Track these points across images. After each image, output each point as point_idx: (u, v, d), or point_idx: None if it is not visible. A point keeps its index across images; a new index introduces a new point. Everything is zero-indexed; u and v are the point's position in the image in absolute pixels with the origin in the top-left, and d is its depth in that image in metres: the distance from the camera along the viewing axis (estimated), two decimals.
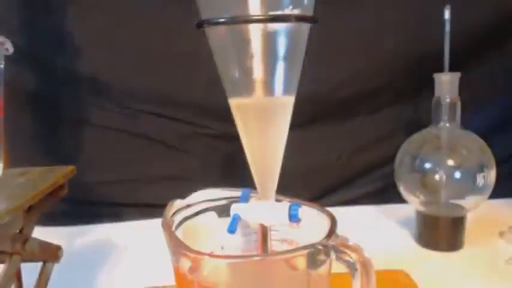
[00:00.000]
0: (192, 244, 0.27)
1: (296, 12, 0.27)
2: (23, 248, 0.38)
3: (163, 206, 0.32)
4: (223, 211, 0.34)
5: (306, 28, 0.29)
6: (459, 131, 0.57)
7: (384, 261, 0.40)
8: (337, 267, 0.28)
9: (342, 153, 0.75)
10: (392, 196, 0.62)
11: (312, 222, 0.31)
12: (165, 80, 0.71)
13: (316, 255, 0.27)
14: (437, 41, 0.56)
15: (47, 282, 0.42)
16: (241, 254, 0.34)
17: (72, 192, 0.43)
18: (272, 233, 0.34)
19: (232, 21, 0.27)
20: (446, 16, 0.55)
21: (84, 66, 0.70)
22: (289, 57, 0.29)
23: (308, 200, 0.32)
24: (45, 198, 0.39)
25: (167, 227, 0.30)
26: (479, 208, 0.57)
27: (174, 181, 0.73)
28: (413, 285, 0.46)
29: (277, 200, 0.32)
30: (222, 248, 0.34)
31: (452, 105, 0.56)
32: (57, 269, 0.43)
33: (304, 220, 0.31)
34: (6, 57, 0.41)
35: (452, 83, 0.56)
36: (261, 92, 0.29)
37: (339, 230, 0.28)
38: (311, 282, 0.28)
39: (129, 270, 0.56)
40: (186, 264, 0.27)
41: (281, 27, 0.28)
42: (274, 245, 0.34)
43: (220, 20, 0.27)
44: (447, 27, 0.55)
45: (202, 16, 0.28)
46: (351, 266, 0.27)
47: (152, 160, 0.74)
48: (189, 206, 0.33)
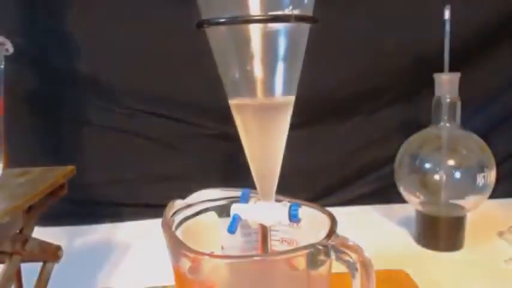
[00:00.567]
0: (192, 244, 0.27)
1: (296, 12, 0.27)
2: (23, 248, 0.38)
3: (163, 206, 0.32)
4: (223, 211, 0.34)
5: (306, 28, 0.29)
6: (459, 131, 0.57)
7: (384, 261, 0.40)
8: (337, 267, 0.28)
9: (342, 153, 0.75)
10: (393, 196, 0.62)
11: (312, 222, 0.31)
12: (164, 80, 0.70)
13: (316, 255, 0.27)
14: (437, 41, 0.56)
15: (47, 282, 0.42)
16: (241, 254, 0.34)
17: (72, 192, 0.43)
18: (272, 233, 0.34)
19: (232, 21, 0.27)
20: (446, 16, 0.55)
21: (84, 66, 0.70)
22: (289, 57, 0.29)
23: (308, 200, 0.32)
24: (45, 198, 0.39)
25: (167, 227, 0.30)
26: (479, 208, 0.57)
27: (174, 181, 0.73)
28: (413, 285, 0.46)
29: (277, 200, 0.32)
30: (222, 248, 0.34)
31: (452, 105, 0.56)
32: (57, 269, 0.43)
33: (304, 220, 0.31)
34: (6, 57, 0.41)
35: (452, 83, 0.56)
36: (261, 92, 0.29)
37: (339, 230, 0.28)
38: (311, 282, 0.28)
39: (129, 270, 0.56)
40: (186, 264, 0.27)
41: (281, 27, 0.28)
42: (274, 245, 0.34)
43: (220, 20, 0.27)
44: (447, 27, 0.55)
45: (202, 16, 0.28)
46: (351, 266, 0.27)
47: (152, 160, 0.74)
48: (189, 206, 0.33)
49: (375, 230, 0.65)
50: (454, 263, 0.54)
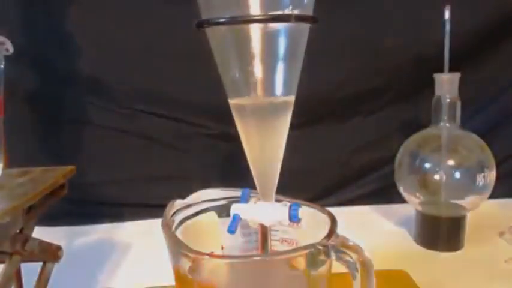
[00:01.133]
0: (192, 244, 0.27)
1: (296, 12, 0.27)
2: (23, 248, 0.38)
3: (163, 206, 0.32)
4: (223, 211, 0.34)
5: (306, 28, 0.29)
6: (459, 131, 0.57)
7: (384, 261, 0.40)
8: (337, 267, 0.28)
9: (342, 153, 0.75)
10: (393, 196, 0.62)
11: (312, 222, 0.31)
12: (165, 80, 0.71)
13: (316, 255, 0.27)
14: (437, 41, 0.56)
15: (47, 282, 0.42)
16: (241, 254, 0.34)
17: (72, 192, 0.43)
18: (272, 233, 0.34)
19: (232, 21, 0.27)
20: (446, 16, 0.55)
21: (84, 66, 0.70)
22: (289, 57, 0.29)
23: (308, 200, 0.32)
24: (45, 198, 0.39)
25: (167, 227, 0.30)
26: (479, 208, 0.57)
27: (174, 181, 0.73)
28: (413, 285, 0.46)
29: (277, 200, 0.32)
30: (222, 248, 0.34)
31: (452, 105, 0.56)
32: (57, 269, 0.43)
33: (304, 220, 0.31)
34: (6, 57, 0.41)
35: (452, 83, 0.56)
36: (261, 92, 0.29)
37: (339, 230, 0.28)
38: (311, 282, 0.28)
39: (129, 270, 0.56)
40: (186, 264, 0.27)
41: (281, 27, 0.28)
42: (274, 245, 0.34)
43: (220, 20, 0.27)
44: (447, 27, 0.55)
45: (202, 16, 0.28)
46: (351, 266, 0.27)
47: (152, 160, 0.74)
48: (189, 206, 0.33)
49: (375, 230, 0.65)
50: (454, 263, 0.54)
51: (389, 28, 0.70)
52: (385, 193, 0.72)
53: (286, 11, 0.27)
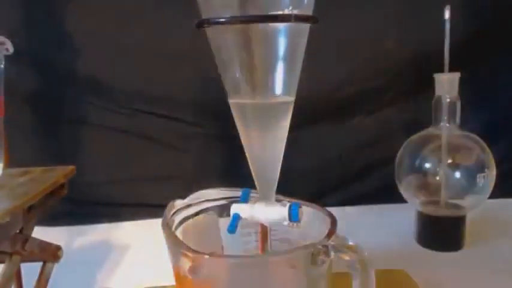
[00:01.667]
0: (192, 244, 0.27)
1: (296, 12, 0.27)
2: (23, 248, 0.38)
3: (163, 206, 0.32)
4: (223, 211, 0.34)
5: (306, 28, 0.29)
6: (459, 131, 0.57)
7: (384, 261, 0.40)
8: (337, 267, 0.28)
9: (342, 153, 0.75)
10: (393, 196, 0.62)
11: (312, 222, 0.31)
12: (164, 80, 0.70)
13: (316, 255, 0.27)
14: (437, 41, 0.56)
15: (47, 282, 0.42)
16: (241, 254, 0.34)
17: (72, 192, 0.43)
18: (272, 233, 0.34)
19: (232, 21, 0.27)
20: (446, 16, 0.54)
21: (84, 66, 0.70)
22: (289, 57, 0.29)
23: (308, 200, 0.32)
24: (45, 198, 0.39)
25: (167, 227, 0.30)
26: (479, 208, 0.57)
27: (174, 181, 0.73)
28: (413, 285, 0.46)
29: (277, 200, 0.32)
30: (222, 248, 0.34)
31: (452, 105, 0.56)
32: (57, 269, 0.43)
33: (304, 220, 0.31)
34: (6, 57, 0.41)
35: (452, 83, 0.56)
36: (261, 92, 0.29)
37: (339, 230, 0.28)
38: (311, 282, 0.28)
39: (129, 270, 0.56)
40: (186, 264, 0.27)
41: (281, 27, 0.28)
42: (274, 245, 0.34)
43: (220, 20, 0.27)
44: (447, 27, 0.55)
45: (203, 16, 0.28)
46: (351, 266, 0.27)
47: (152, 160, 0.74)
48: (189, 206, 0.33)
49: (375, 230, 0.64)
50: (454, 263, 0.54)
51: (390, 28, 0.70)
52: (385, 193, 0.71)
53: (286, 11, 0.27)
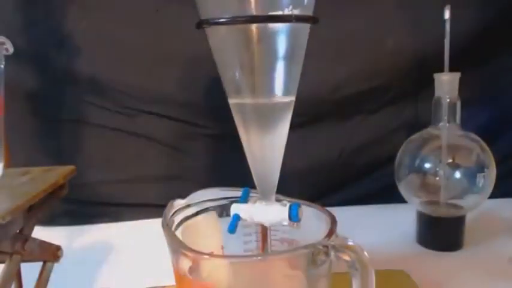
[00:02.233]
0: (192, 244, 0.27)
1: (296, 12, 0.27)
2: (23, 248, 0.38)
3: (163, 206, 0.32)
4: (223, 211, 0.34)
5: (306, 28, 0.29)
6: (459, 131, 0.57)
7: (384, 261, 0.40)
8: (337, 267, 0.28)
9: (342, 153, 0.75)
10: (393, 196, 0.62)
11: (312, 222, 0.31)
12: (164, 80, 0.70)
13: (316, 255, 0.27)
14: (437, 41, 0.56)
15: (47, 282, 0.42)
16: (241, 254, 0.34)
17: (72, 192, 0.43)
18: (272, 233, 0.34)
19: (232, 21, 0.27)
20: (446, 16, 0.55)
21: (83, 66, 0.69)
22: (289, 57, 0.29)
23: (308, 200, 0.32)
24: (45, 198, 0.39)
25: (167, 227, 0.30)
26: (479, 208, 0.57)
27: (173, 181, 0.73)
28: (413, 285, 0.46)
29: (277, 200, 0.32)
30: (222, 248, 0.34)
31: (452, 105, 0.56)
32: (57, 269, 0.43)
33: (304, 220, 0.31)
34: (6, 57, 0.41)
35: (452, 83, 0.56)
36: (261, 92, 0.29)
37: (339, 230, 0.28)
38: (311, 282, 0.28)
39: (129, 270, 0.56)
40: (186, 264, 0.27)
41: (281, 27, 0.28)
42: (274, 245, 0.34)
43: (220, 20, 0.27)
44: (447, 27, 0.55)
45: (202, 16, 0.28)
46: (351, 266, 0.27)
47: (152, 160, 0.74)
48: (189, 206, 0.33)
49: (375, 230, 0.64)
50: (454, 263, 0.54)
51: (390, 28, 0.70)
52: (385, 193, 0.71)
53: (286, 11, 0.27)
